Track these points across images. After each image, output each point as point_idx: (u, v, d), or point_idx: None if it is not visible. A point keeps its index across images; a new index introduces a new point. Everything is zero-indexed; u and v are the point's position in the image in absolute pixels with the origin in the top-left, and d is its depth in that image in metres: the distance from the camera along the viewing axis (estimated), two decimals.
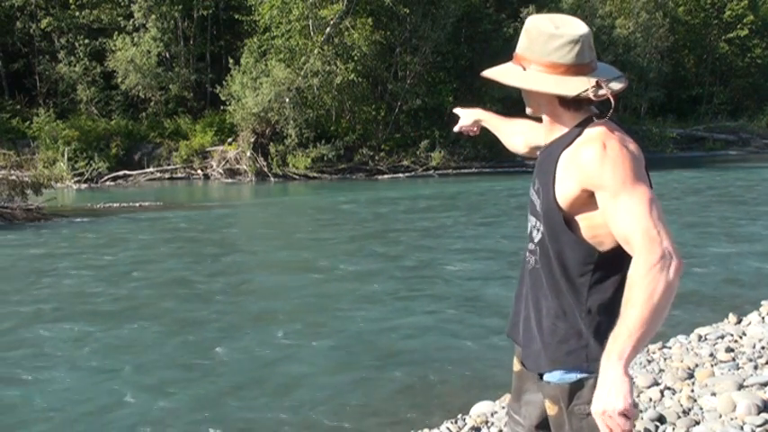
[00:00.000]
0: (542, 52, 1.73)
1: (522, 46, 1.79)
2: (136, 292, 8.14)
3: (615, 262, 1.73)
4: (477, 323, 6.72)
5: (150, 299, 7.82)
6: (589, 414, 1.74)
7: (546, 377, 1.86)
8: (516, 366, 2.07)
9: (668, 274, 1.53)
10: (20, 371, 5.54)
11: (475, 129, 2.52)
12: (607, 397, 1.52)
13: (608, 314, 1.72)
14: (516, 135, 2.35)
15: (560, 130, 1.81)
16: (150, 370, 5.56)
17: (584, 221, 1.74)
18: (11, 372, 5.52)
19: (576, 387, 1.79)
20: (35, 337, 6.41)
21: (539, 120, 1.98)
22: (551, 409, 1.86)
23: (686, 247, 9.92)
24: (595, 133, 1.71)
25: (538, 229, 1.84)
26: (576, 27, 1.75)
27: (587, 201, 1.71)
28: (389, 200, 17.87)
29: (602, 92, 1.70)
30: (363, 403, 4.88)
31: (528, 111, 1.91)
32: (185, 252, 10.76)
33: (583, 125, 1.76)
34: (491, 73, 1.85)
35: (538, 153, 2.22)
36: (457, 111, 2.58)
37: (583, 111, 1.78)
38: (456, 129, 2.56)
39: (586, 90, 1.70)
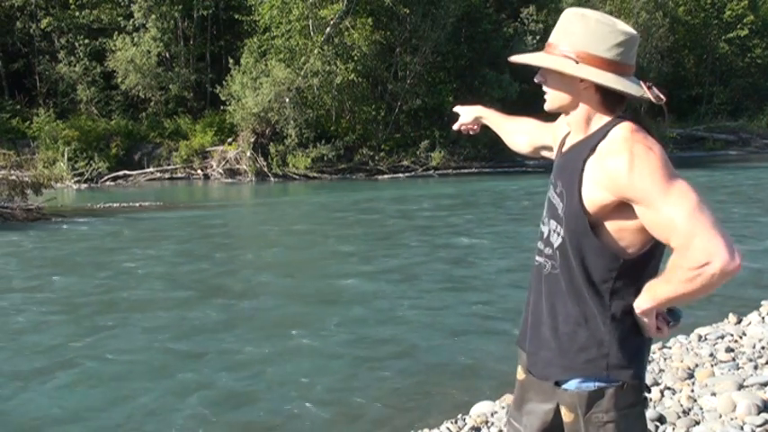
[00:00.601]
0: (599, 48, 1.67)
1: (569, 38, 1.71)
2: (137, 292, 8.14)
3: (639, 267, 1.71)
4: (477, 323, 6.72)
5: (151, 299, 7.82)
6: (607, 423, 1.74)
7: (564, 385, 1.81)
8: (520, 375, 2.02)
9: (711, 278, 1.52)
10: (13, 376, 5.55)
11: (475, 127, 2.45)
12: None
13: (631, 318, 1.71)
14: (520, 134, 2.28)
15: (586, 132, 1.75)
16: (149, 369, 5.56)
17: (612, 226, 1.68)
18: (10, 369, 5.53)
19: (595, 396, 1.75)
20: (31, 338, 6.41)
21: (550, 118, 1.93)
22: (567, 416, 1.81)
23: None
24: (620, 138, 1.65)
25: (558, 234, 1.77)
26: (628, 26, 1.70)
27: (616, 208, 1.65)
28: (390, 200, 17.87)
29: (660, 95, 1.66)
30: (364, 402, 4.88)
31: (551, 106, 1.80)
32: (186, 252, 10.76)
33: (604, 128, 1.71)
34: (538, 60, 1.74)
35: (542, 153, 2.19)
36: (457, 109, 2.51)
37: (615, 113, 1.73)
38: (456, 126, 2.48)
39: (644, 93, 1.65)
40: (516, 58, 1.78)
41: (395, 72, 26.76)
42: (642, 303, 1.66)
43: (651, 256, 1.71)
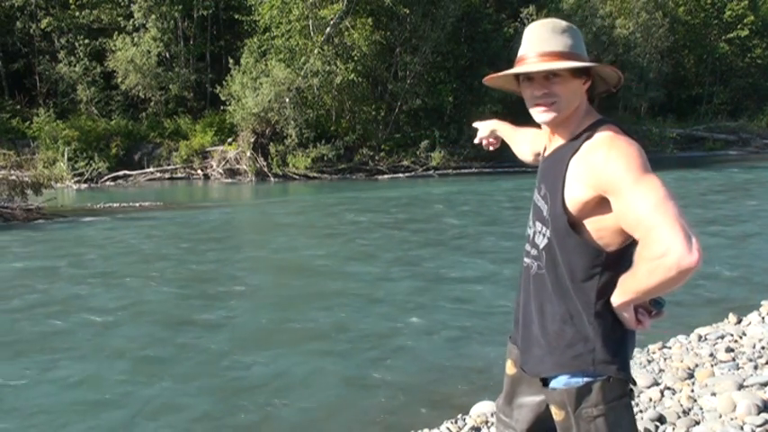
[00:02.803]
0: (583, 49, 1.84)
1: (571, 44, 1.82)
2: (136, 292, 8.14)
3: (622, 261, 1.75)
4: (476, 323, 6.72)
5: (150, 299, 7.82)
6: (596, 417, 1.78)
7: (552, 384, 1.86)
8: (510, 369, 2.07)
9: (668, 270, 1.53)
10: (13, 376, 5.55)
11: (493, 140, 2.56)
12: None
13: (614, 313, 1.77)
14: (525, 144, 2.39)
15: (573, 133, 1.82)
16: (146, 371, 5.56)
17: (593, 224, 1.74)
18: (11, 369, 5.53)
19: (583, 391, 1.80)
20: (29, 339, 6.41)
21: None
22: (558, 415, 1.86)
23: None
24: (603, 136, 1.74)
25: (544, 235, 1.84)
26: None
27: (598, 204, 1.72)
28: (390, 200, 17.87)
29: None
30: (363, 403, 4.88)
31: (566, 112, 1.84)
32: (186, 252, 10.75)
33: (590, 130, 1.78)
34: (566, 64, 1.79)
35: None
36: (476, 124, 2.62)
37: (591, 108, 1.85)
38: (476, 141, 2.59)
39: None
40: (532, 68, 1.79)
41: (395, 72, 26.76)
42: (615, 298, 1.73)
43: (629, 251, 1.75)
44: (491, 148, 2.60)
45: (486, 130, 2.54)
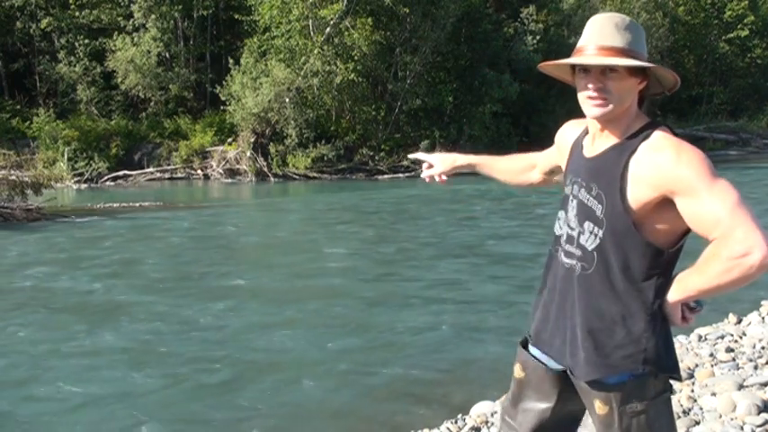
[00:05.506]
0: (644, 48, 1.82)
1: (632, 41, 1.78)
2: (136, 292, 8.14)
3: (674, 262, 1.78)
4: (476, 323, 6.72)
5: (150, 298, 7.82)
6: (639, 412, 1.81)
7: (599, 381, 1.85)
8: (518, 373, 2.05)
9: (749, 269, 1.57)
10: (14, 374, 5.55)
11: (445, 177, 2.46)
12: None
13: (662, 311, 1.79)
14: (526, 170, 2.36)
15: (624, 132, 1.79)
16: (143, 370, 5.56)
17: (654, 224, 1.75)
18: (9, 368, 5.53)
19: (629, 388, 1.81)
20: (31, 338, 6.42)
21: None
22: (601, 409, 1.85)
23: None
24: (664, 137, 1.75)
25: (596, 235, 1.81)
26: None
27: (658, 205, 1.72)
28: (390, 200, 17.87)
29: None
30: (363, 403, 4.88)
31: (619, 108, 1.78)
32: (186, 252, 10.76)
33: (645, 130, 1.78)
34: (628, 62, 1.76)
35: (555, 178, 2.26)
36: (424, 157, 2.48)
37: (642, 115, 1.83)
38: (425, 176, 2.47)
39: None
40: (591, 61, 1.77)
41: (395, 72, 26.76)
42: (673, 296, 1.74)
43: (681, 251, 1.78)
44: (437, 180, 2.48)
45: (446, 165, 2.42)
